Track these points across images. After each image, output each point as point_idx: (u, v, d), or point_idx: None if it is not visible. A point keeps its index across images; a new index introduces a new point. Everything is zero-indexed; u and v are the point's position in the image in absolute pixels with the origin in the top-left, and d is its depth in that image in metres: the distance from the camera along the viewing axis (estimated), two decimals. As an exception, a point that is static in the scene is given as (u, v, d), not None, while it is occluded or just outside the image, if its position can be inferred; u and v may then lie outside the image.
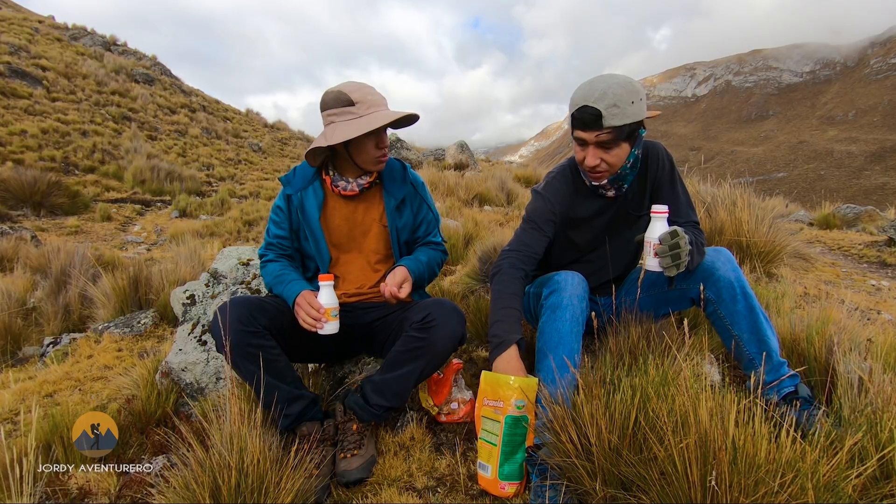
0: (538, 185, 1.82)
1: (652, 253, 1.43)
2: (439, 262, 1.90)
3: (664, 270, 1.43)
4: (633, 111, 1.45)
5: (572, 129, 1.55)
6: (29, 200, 8.83)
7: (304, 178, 1.81)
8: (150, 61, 20.75)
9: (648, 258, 1.45)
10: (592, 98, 1.45)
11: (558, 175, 1.77)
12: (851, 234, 5.65)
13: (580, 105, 1.47)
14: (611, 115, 1.44)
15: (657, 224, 1.45)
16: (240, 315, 1.50)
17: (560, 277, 1.56)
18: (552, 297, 1.52)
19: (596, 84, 1.47)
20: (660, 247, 1.41)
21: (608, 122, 1.44)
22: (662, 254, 1.40)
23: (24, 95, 13.03)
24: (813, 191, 58.80)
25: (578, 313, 1.50)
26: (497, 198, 7.59)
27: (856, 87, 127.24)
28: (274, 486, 1.27)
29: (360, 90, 1.65)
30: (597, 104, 1.44)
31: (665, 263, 1.41)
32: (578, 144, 1.58)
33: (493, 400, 1.44)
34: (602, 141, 1.50)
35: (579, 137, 1.54)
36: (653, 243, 1.43)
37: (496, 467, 1.37)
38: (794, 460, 1.04)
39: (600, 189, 1.69)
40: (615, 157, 1.54)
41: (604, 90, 1.44)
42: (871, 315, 2.80)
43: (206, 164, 14.56)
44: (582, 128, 1.50)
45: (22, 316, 3.74)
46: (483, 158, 16.76)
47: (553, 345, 1.46)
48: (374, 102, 1.64)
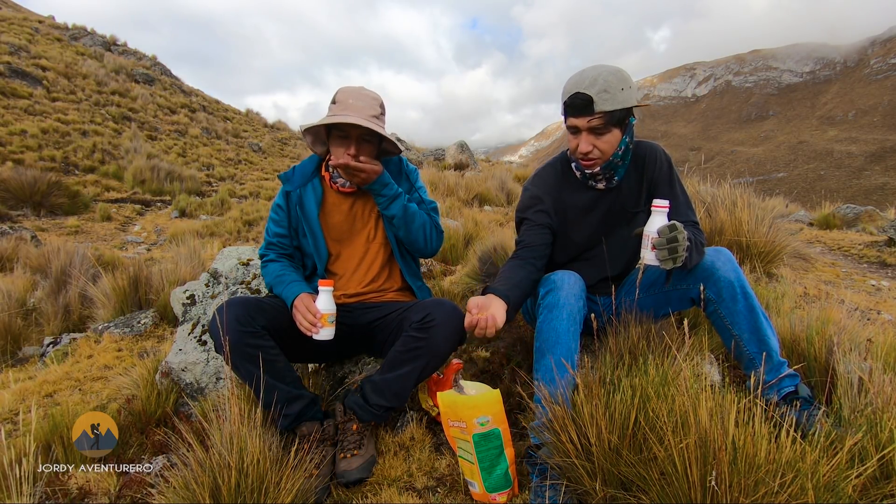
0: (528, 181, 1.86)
1: (650, 246, 1.43)
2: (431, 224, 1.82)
3: (661, 263, 1.42)
4: (623, 97, 1.51)
5: (565, 117, 1.60)
6: (29, 200, 8.83)
7: (303, 175, 1.83)
8: (150, 61, 20.75)
9: (646, 251, 1.44)
10: (583, 85, 1.50)
11: (546, 167, 1.83)
12: (851, 234, 5.65)
13: (572, 92, 1.52)
14: (601, 101, 1.49)
15: (656, 218, 1.45)
16: (238, 315, 1.50)
17: (556, 277, 1.56)
18: (549, 296, 1.53)
19: (586, 73, 1.53)
20: (657, 239, 1.40)
21: (599, 106, 1.49)
22: (660, 246, 1.40)
23: (24, 95, 13.03)
24: (813, 191, 58.85)
25: (576, 312, 1.50)
26: (497, 198, 7.59)
27: (856, 87, 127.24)
28: (274, 486, 1.27)
29: (347, 93, 1.69)
30: (588, 90, 1.49)
31: (661, 256, 1.40)
32: (571, 133, 1.62)
33: (456, 420, 1.44)
34: (594, 126, 1.54)
35: (572, 125, 1.58)
36: (651, 236, 1.43)
37: (481, 482, 1.38)
38: (794, 460, 1.04)
39: (590, 181, 1.72)
40: (607, 143, 1.58)
41: (594, 77, 1.50)
42: (871, 315, 2.80)
43: (206, 164, 14.56)
44: (574, 114, 1.55)
45: (22, 316, 3.74)
46: (483, 158, 16.75)
47: (551, 344, 1.46)
48: (350, 106, 1.66)
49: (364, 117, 1.66)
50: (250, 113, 22.85)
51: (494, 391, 1.47)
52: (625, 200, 1.75)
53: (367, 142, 1.71)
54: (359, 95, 1.70)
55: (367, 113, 1.67)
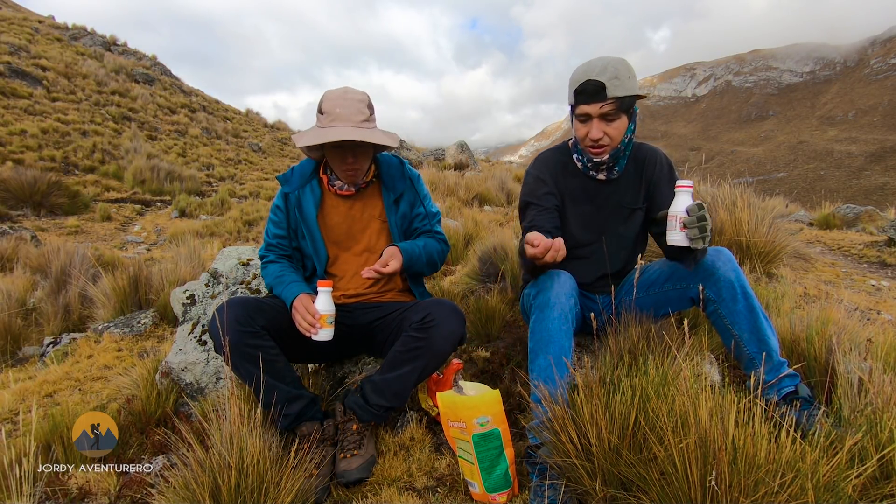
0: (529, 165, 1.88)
1: (678, 227, 1.41)
2: (439, 251, 1.86)
3: (691, 242, 1.40)
4: (630, 85, 1.57)
5: (575, 105, 1.62)
6: (29, 200, 8.82)
7: (301, 176, 1.83)
8: (150, 61, 20.75)
9: (674, 233, 1.42)
10: (594, 72, 1.55)
11: (547, 153, 1.87)
12: (851, 234, 5.65)
13: (584, 80, 1.56)
14: (613, 87, 1.53)
15: (683, 197, 1.43)
16: (238, 316, 1.50)
17: (546, 276, 1.56)
18: (539, 296, 1.53)
19: (594, 62, 1.58)
20: (688, 218, 1.39)
21: (611, 92, 1.54)
22: (690, 225, 1.38)
23: (24, 95, 13.02)
24: (813, 191, 58.80)
25: (567, 310, 1.49)
26: (497, 198, 7.59)
27: (856, 87, 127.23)
28: (274, 486, 1.27)
29: (334, 101, 1.64)
30: (599, 77, 1.54)
31: (692, 235, 1.39)
32: (580, 121, 1.64)
33: (456, 421, 1.44)
34: (606, 112, 1.57)
35: (583, 112, 1.60)
36: (679, 216, 1.41)
37: (480, 483, 1.38)
38: (794, 460, 1.04)
39: (592, 171, 1.74)
40: (616, 129, 1.61)
41: (604, 65, 1.55)
42: (871, 315, 2.80)
43: (206, 164, 14.56)
44: (586, 101, 1.58)
45: (22, 316, 3.73)
46: (483, 158, 16.75)
47: (544, 343, 1.47)
48: (338, 116, 1.63)
49: (354, 124, 1.62)
50: (250, 113, 22.84)
51: (494, 391, 1.47)
52: (622, 196, 1.77)
53: (361, 148, 1.68)
54: (344, 102, 1.64)
55: (356, 119, 1.63)
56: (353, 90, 1.69)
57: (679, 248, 1.49)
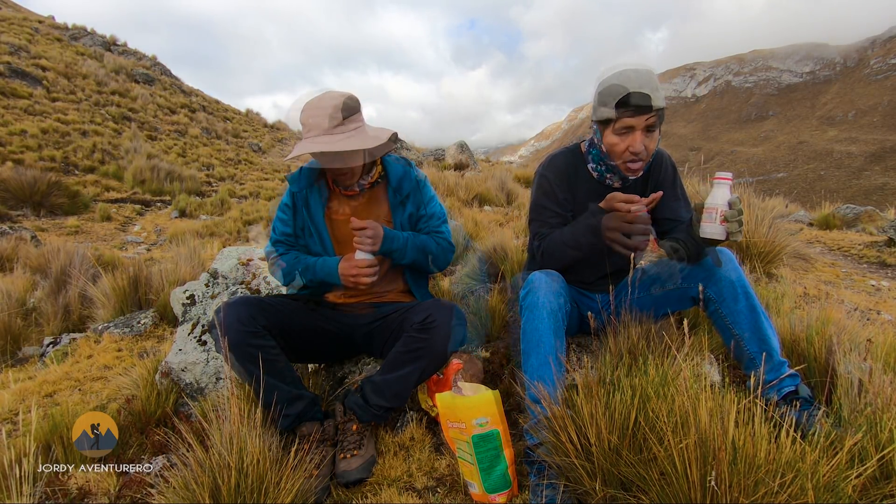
0: (539, 166, 1.83)
1: (718, 219, 1.39)
2: (435, 246, 1.81)
3: (730, 236, 1.39)
4: (663, 95, 1.55)
5: (617, 118, 1.54)
6: (29, 200, 8.82)
7: (309, 176, 1.83)
8: (150, 61, 20.75)
9: (711, 225, 1.40)
10: (636, 85, 1.50)
11: (559, 155, 1.81)
12: (851, 234, 5.65)
13: (627, 92, 1.50)
14: (657, 98, 1.51)
15: (721, 190, 1.40)
16: (239, 315, 1.50)
17: (534, 277, 1.55)
18: (528, 297, 1.52)
19: (628, 73, 1.52)
20: (730, 212, 1.38)
21: (657, 104, 1.50)
22: (732, 219, 1.37)
23: (24, 95, 13.03)
24: (813, 191, 58.79)
25: (556, 309, 1.49)
26: (497, 198, 7.59)
27: (856, 88, 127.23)
28: (274, 486, 1.27)
29: (307, 111, 1.63)
30: (643, 89, 1.49)
31: (732, 229, 1.38)
32: (619, 134, 1.57)
33: (455, 422, 1.44)
34: (651, 124, 1.54)
35: (626, 125, 1.54)
36: (720, 209, 1.39)
37: (480, 484, 1.38)
38: (794, 460, 1.04)
39: (607, 179, 1.72)
40: (654, 141, 1.60)
41: (644, 77, 1.50)
42: (871, 315, 2.80)
43: (206, 164, 14.56)
44: (633, 114, 1.52)
45: (22, 316, 3.73)
46: (483, 158, 16.75)
47: (534, 344, 1.46)
48: (310, 126, 1.61)
49: (323, 132, 1.59)
50: (250, 113, 22.85)
51: (493, 392, 1.47)
52: None
53: (348, 153, 1.64)
54: (315, 111, 1.60)
55: (325, 126, 1.58)
56: (328, 95, 1.64)
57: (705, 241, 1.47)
